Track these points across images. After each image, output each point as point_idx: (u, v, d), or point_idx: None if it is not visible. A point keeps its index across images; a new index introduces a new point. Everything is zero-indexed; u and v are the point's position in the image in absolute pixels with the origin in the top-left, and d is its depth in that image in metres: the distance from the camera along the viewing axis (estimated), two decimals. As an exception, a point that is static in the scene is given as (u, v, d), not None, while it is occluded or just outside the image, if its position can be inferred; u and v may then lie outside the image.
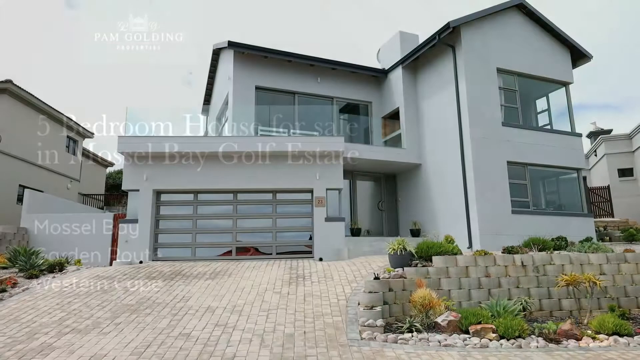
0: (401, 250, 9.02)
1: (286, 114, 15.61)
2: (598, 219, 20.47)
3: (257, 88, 15.18)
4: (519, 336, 6.63)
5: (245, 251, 13.34)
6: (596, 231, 16.72)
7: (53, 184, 21.47)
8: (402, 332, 6.74)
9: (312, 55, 15.49)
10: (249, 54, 15.08)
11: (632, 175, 22.09)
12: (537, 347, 6.35)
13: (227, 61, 16.02)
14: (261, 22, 60.05)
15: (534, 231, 12.39)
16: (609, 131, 25.63)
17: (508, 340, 6.53)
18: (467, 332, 6.82)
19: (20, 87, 18.26)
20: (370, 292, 7.73)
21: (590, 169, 26.20)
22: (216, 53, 17.31)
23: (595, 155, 24.73)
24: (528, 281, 8.62)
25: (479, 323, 6.91)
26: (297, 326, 6.68)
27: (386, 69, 16.50)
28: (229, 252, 13.21)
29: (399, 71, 15.67)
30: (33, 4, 49.78)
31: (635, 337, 6.68)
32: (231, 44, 14.66)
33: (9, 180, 18.35)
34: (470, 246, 12.30)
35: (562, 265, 8.94)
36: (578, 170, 14.46)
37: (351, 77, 16.56)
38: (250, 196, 13.53)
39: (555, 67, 14.97)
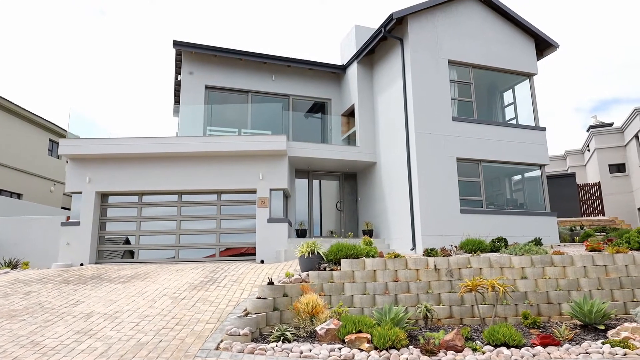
0: (309, 253, 8.60)
1: (240, 113, 15.29)
2: (584, 218, 19.41)
3: (207, 87, 14.93)
4: (393, 347, 6.13)
5: (191, 253, 13.12)
6: (571, 230, 15.84)
7: (34, 187, 21.82)
8: (269, 342, 6.34)
9: (265, 53, 15.09)
10: (197, 53, 14.85)
11: (624, 171, 20.85)
12: (407, 359, 5.84)
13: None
14: (256, 22, 60.03)
15: (486, 232, 11.76)
16: (610, 125, 24.25)
17: (380, 351, 6.05)
18: (344, 342, 6.36)
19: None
20: (259, 298, 7.37)
21: (585, 165, 24.96)
22: (179, 53, 17.15)
23: (589, 150, 23.52)
24: (440, 286, 8.06)
25: (359, 332, 6.45)
26: (160, 334, 6.35)
27: (344, 64, 15.97)
28: (172, 255, 13.03)
29: (354, 67, 15.11)
30: (67, 10, 51.15)
31: (523, 349, 6.07)
32: (176, 43, 14.45)
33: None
34: (414, 248, 11.71)
35: (480, 268, 8.34)
36: (541, 166, 13.62)
37: (309, 74, 16.09)
38: (194, 197, 13.32)
39: (517, 58, 14.12)
